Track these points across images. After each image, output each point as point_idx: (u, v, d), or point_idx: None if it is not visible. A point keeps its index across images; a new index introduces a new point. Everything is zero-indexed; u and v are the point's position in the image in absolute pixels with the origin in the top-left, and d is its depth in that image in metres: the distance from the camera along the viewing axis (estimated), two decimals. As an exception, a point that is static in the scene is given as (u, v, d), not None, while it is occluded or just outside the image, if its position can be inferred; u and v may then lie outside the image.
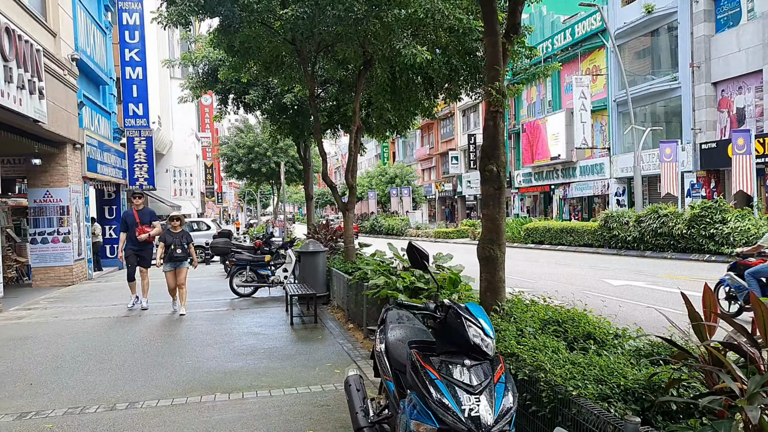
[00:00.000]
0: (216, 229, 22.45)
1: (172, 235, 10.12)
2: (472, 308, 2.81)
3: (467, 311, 2.78)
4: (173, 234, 10.15)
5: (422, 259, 3.30)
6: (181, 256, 10.12)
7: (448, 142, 46.21)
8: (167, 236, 10.11)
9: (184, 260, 10.21)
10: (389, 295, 6.75)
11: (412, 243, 3.32)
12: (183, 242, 10.08)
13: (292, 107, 15.31)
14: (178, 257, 10.09)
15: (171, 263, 10.10)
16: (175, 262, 10.13)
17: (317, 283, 10.61)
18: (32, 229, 14.48)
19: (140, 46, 20.67)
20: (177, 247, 10.03)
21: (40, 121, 12.34)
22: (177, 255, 10.06)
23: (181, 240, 10.09)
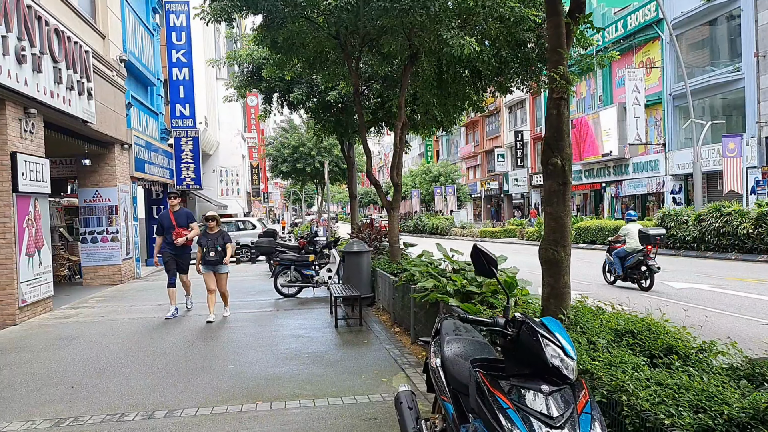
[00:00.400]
0: (261, 229, 22.47)
1: (207, 237, 9.32)
2: (548, 323, 2.39)
3: (543, 327, 2.36)
4: (209, 235, 9.34)
5: (489, 265, 2.87)
6: (214, 259, 9.25)
7: (493, 139, 45.32)
8: (202, 238, 9.35)
9: (220, 263, 9.36)
10: (439, 299, 6.35)
11: (478, 246, 2.88)
12: (218, 244, 9.24)
13: (336, 105, 15.06)
14: (211, 260, 9.24)
15: (206, 266, 9.36)
16: (210, 266, 9.33)
17: (362, 284, 10.28)
18: (82, 228, 14.68)
19: (187, 47, 20.83)
20: (210, 250, 9.20)
21: (88, 122, 12.43)
22: (210, 258, 9.22)
23: (215, 242, 9.25)
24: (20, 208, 9.66)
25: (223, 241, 9.36)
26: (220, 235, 9.39)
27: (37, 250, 10.22)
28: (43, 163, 10.54)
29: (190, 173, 21.29)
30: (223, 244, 9.33)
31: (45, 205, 10.68)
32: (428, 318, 6.96)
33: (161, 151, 19.44)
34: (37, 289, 10.15)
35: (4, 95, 9.28)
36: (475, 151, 47.78)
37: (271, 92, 15.53)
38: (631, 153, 31.04)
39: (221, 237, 9.37)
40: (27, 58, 9.62)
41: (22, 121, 9.91)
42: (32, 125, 10.22)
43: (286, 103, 15.88)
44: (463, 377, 2.81)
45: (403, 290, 8.17)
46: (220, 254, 9.26)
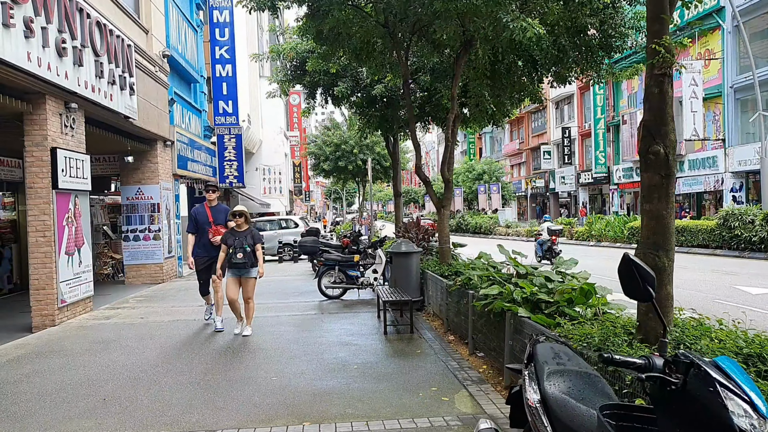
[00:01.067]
0: (304, 227, 22.05)
1: (234, 235, 7.97)
2: (724, 364, 1.67)
3: (718, 370, 1.64)
4: (236, 233, 7.98)
5: (645, 284, 2.04)
6: (242, 262, 7.84)
7: (539, 136, 44.00)
8: (228, 237, 8.00)
9: (249, 267, 7.94)
10: (505, 308, 5.62)
11: (631, 257, 2.07)
12: (246, 244, 7.85)
13: (382, 99, 14.43)
14: (238, 263, 7.86)
15: (232, 270, 7.98)
16: (236, 270, 7.96)
17: (410, 287, 9.62)
18: (125, 226, 14.47)
19: (230, 44, 20.56)
20: (238, 250, 7.81)
21: (130, 118, 12.14)
22: (237, 261, 7.84)
23: (244, 241, 7.86)
24: (60, 206, 9.36)
25: (253, 240, 7.99)
26: (249, 233, 8.01)
27: (77, 249, 9.92)
28: (84, 159, 10.25)
29: (233, 171, 21.02)
30: (253, 245, 7.95)
31: (86, 203, 10.38)
32: (490, 328, 6.26)
33: (204, 148, 19.20)
34: (77, 288, 9.85)
35: (44, 89, 8.98)
36: (519, 149, 46.52)
37: (314, 87, 15.02)
38: (686, 149, 29.45)
39: (251, 236, 8.00)
40: (68, 51, 9.31)
41: (63, 116, 9.62)
42: (73, 120, 9.92)
43: (330, 98, 15.34)
44: (579, 426, 2.12)
45: (458, 295, 7.48)
46: (249, 256, 7.87)
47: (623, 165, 34.42)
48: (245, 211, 8.15)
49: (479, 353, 6.76)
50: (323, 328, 8.49)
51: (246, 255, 7.85)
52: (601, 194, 38.59)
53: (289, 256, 21.01)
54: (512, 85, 11.61)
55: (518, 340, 5.37)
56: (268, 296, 11.75)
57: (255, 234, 8.11)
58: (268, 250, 20.97)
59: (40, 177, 9.12)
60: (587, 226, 27.05)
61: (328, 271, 11.30)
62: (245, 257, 7.85)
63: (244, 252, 7.83)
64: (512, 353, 5.53)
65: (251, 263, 7.93)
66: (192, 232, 8.80)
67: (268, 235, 21.31)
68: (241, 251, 7.83)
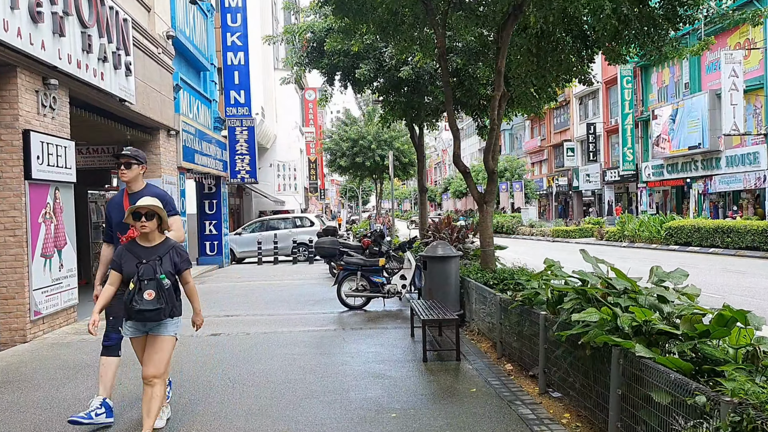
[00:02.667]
0: (320, 226, 20.41)
1: (135, 254, 4.05)
2: None
3: None
4: (140, 251, 4.07)
5: None
6: (152, 309, 3.91)
7: (562, 132, 42.03)
8: (124, 257, 4.07)
9: (164, 317, 4.00)
10: (610, 342, 3.91)
11: None
12: (161, 271, 3.98)
13: (407, 83, 12.73)
14: (143, 311, 3.91)
15: (131, 324, 4.13)
16: (138, 323, 4.09)
17: (448, 298, 7.94)
18: (124, 224, 12.91)
19: (242, 30, 18.99)
20: (145, 285, 3.91)
21: (126, 101, 10.57)
22: (142, 306, 3.89)
23: (156, 268, 3.97)
24: (34, 200, 7.79)
25: (174, 266, 4.08)
26: (166, 252, 4.08)
27: (58, 250, 8.34)
28: (68, 146, 8.68)
29: (245, 165, 19.46)
30: (174, 273, 4.09)
31: (69, 197, 8.81)
32: (575, 363, 4.56)
33: (214, 141, 17.64)
34: (56, 297, 8.27)
35: (13, 59, 7.41)
36: (541, 146, 44.55)
37: (333, 71, 13.36)
38: (725, 145, 27.41)
39: (169, 257, 4.08)
40: (44, 17, 7.73)
41: (40, 93, 8.05)
42: (53, 99, 8.35)
43: (350, 83, 13.68)
44: None
45: (520, 315, 5.77)
46: (166, 295, 3.94)
47: (653, 162, 32.39)
48: (156, 207, 4.01)
49: (553, 392, 5.06)
50: (346, 350, 6.83)
51: (160, 294, 3.89)
52: (627, 193, 36.57)
53: (304, 256, 19.42)
54: (559, 64, 9.91)
55: (635, 390, 3.67)
56: (280, 305, 10.13)
57: (178, 252, 4.13)
58: (282, 250, 19.40)
59: (10, 165, 7.56)
60: (619, 226, 25.16)
61: (349, 276, 9.64)
62: (158, 299, 3.88)
63: (156, 288, 3.89)
64: (621, 407, 3.83)
65: (169, 310, 3.96)
66: (107, 241, 4.78)
67: (282, 234, 19.74)
68: (151, 287, 3.88)
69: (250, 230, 20.44)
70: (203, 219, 18.27)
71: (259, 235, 19.65)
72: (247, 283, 13.42)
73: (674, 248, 21.92)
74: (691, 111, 28.91)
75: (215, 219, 18.30)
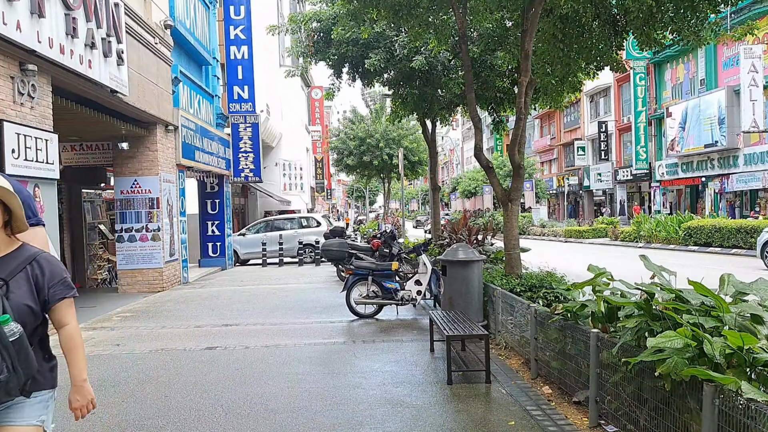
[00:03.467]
0: (326, 226, 19.52)
1: None
2: None
3: None
4: None
5: None
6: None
7: (572, 131, 40.99)
8: None
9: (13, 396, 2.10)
10: (703, 377, 3.00)
11: None
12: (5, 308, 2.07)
13: (420, 74, 11.84)
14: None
15: None
16: None
17: (470, 307, 7.04)
18: (119, 224, 12.09)
19: (246, 23, 18.14)
20: None
21: (119, 92, 9.74)
22: None
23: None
24: (9, 197, 6.93)
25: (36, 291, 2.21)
26: (20, 265, 2.21)
27: (37, 253, 7.48)
28: (49, 139, 7.83)
29: (249, 164, 18.60)
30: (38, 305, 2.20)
31: (51, 195, 7.96)
32: (640, 394, 3.67)
33: (217, 138, 16.80)
34: (35, 305, 7.42)
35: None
36: (551, 144, 43.50)
37: (341, 61, 12.47)
38: (744, 142, 26.36)
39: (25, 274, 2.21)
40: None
41: (16, 80, 7.20)
42: (32, 87, 7.50)
43: (358, 75, 12.80)
44: None
45: (562, 329, 4.87)
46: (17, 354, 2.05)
47: (667, 161, 31.33)
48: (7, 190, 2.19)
49: (608, 425, 4.16)
50: (358, 368, 5.93)
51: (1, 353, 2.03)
52: (639, 192, 35.51)
53: (310, 258, 18.53)
54: (588, 51, 9.02)
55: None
56: (283, 313, 9.25)
57: (43, 267, 2.25)
58: (288, 251, 18.53)
59: (-19, 159, 6.72)
60: (635, 225, 24.15)
61: (359, 282, 8.74)
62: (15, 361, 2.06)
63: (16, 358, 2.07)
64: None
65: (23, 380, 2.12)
66: None
67: (287, 235, 18.87)
68: None
69: (255, 231, 19.58)
70: (205, 219, 17.43)
71: (264, 236, 18.79)
72: (250, 288, 12.55)
73: (693, 249, 20.91)
74: (707, 108, 27.87)
75: (218, 219, 17.45)
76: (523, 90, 7.50)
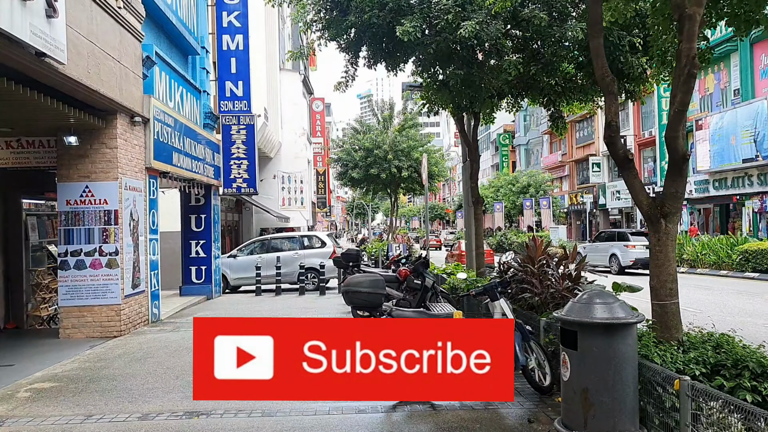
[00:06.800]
0: (332, 247, 16.26)
1: None
2: None
3: None
4: None
5: None
6: None
7: (585, 147, 38.06)
8: None
9: None
10: None
11: None
12: None
13: (466, 48, 8.66)
14: None
15: None
16: None
17: (621, 408, 3.79)
18: (62, 245, 8.77)
19: (241, 8, 15.06)
20: None
21: (49, 56, 6.54)
22: None
23: None
24: None
25: None
26: None
27: None
28: None
29: (242, 173, 15.37)
30: None
31: None
32: None
33: (204, 140, 13.57)
34: None
35: None
36: (562, 161, 40.48)
37: (359, 38, 9.29)
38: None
39: None
40: None
41: None
42: None
43: (381, 57, 9.61)
44: None
45: None
46: None
47: (696, 177, 28.30)
48: None
49: None
50: None
51: None
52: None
53: (313, 284, 15.23)
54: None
55: None
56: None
57: None
58: (287, 276, 15.23)
59: None
60: (695, 247, 20.98)
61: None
62: None
63: None
64: None
65: None
66: None
67: (287, 257, 15.59)
68: None
69: (248, 252, 16.26)
70: (188, 238, 14.13)
71: (259, 258, 15.50)
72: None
73: (751, 276, 17.73)
74: (744, 120, 24.93)
75: (203, 238, 14.15)
76: (695, 26, 4.31)
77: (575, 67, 9.60)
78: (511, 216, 38.56)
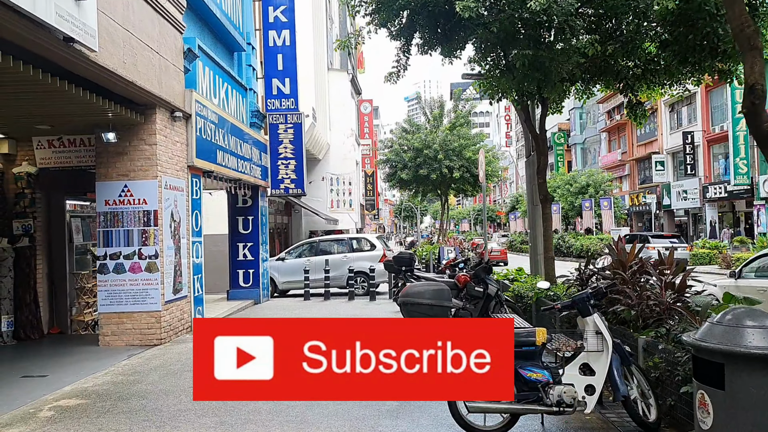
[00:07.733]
0: (383, 250, 15.42)
1: None
2: None
3: None
4: None
5: None
6: None
7: (647, 144, 35.90)
8: None
9: None
10: None
11: None
12: None
13: (533, 27, 7.63)
14: None
15: None
16: None
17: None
18: (101, 248, 8.25)
19: (288, 2, 14.47)
20: None
21: (79, 42, 5.96)
22: None
23: None
24: None
25: None
26: None
27: None
28: None
29: (290, 173, 14.74)
30: None
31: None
32: None
33: (251, 140, 13.00)
34: None
35: None
36: (622, 159, 38.32)
37: (412, 21, 8.44)
38: None
39: None
40: None
41: None
42: None
43: (437, 42, 8.69)
44: None
45: None
46: None
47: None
48: None
49: None
50: None
51: None
52: (734, 211, 30.06)
53: (362, 288, 14.44)
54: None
55: None
56: (328, 416, 5.07)
57: None
58: (335, 279, 14.48)
59: None
60: (758, 251, 19.00)
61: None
62: None
63: None
64: None
65: None
66: None
67: (335, 260, 14.86)
68: None
69: (296, 255, 15.61)
70: (236, 240, 13.60)
71: (307, 261, 14.82)
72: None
73: None
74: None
75: (251, 240, 13.59)
76: None
77: (658, 45, 8.42)
78: (568, 218, 36.71)
